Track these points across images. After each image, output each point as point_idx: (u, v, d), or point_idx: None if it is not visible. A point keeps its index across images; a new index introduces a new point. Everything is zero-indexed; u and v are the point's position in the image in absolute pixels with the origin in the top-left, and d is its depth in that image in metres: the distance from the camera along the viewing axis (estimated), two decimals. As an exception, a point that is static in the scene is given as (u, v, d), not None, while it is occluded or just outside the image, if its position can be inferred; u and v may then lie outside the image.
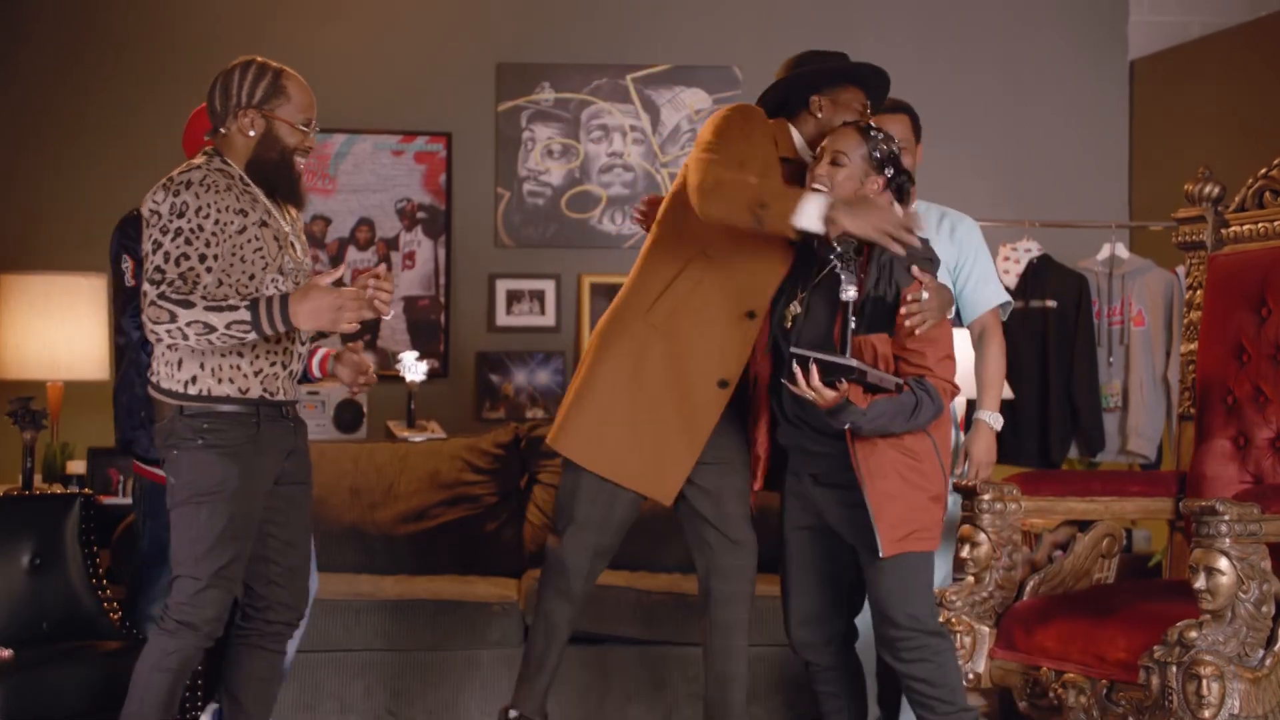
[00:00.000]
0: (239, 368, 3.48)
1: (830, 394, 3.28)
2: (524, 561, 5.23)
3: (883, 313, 3.41)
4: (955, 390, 3.45)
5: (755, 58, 6.30)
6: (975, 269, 4.22)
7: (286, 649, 3.90)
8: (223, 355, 3.47)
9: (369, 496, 5.21)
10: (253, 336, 3.37)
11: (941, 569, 4.30)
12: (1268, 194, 3.90)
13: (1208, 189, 3.99)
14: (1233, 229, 3.96)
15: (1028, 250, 5.76)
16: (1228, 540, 3.03)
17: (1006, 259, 5.76)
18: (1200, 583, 3.04)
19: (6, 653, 3.87)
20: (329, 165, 6.18)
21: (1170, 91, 6.29)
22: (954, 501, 4.25)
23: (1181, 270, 5.23)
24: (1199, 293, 4.01)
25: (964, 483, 4.09)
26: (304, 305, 3.36)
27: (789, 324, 3.53)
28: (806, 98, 3.85)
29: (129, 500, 5.35)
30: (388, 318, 3.64)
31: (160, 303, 3.35)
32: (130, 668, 3.84)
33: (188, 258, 3.39)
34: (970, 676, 3.56)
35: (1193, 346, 4.00)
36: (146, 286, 3.39)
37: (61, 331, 5.34)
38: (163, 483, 3.87)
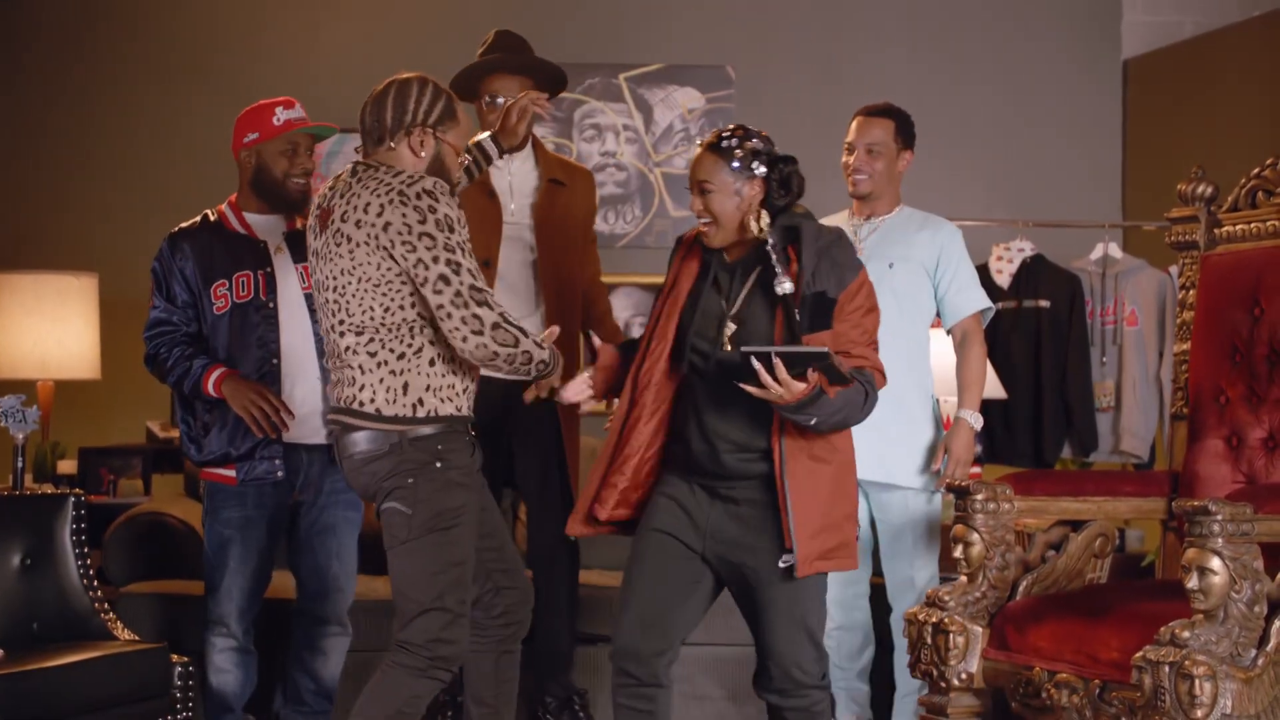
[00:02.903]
0: (454, 386, 3.39)
1: (800, 386, 3.13)
2: (517, 561, 5.23)
3: (823, 307, 3.29)
4: (884, 380, 3.37)
5: (748, 57, 6.30)
6: (957, 275, 4.28)
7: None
8: (442, 376, 3.36)
9: (361, 496, 5.20)
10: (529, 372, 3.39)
11: (929, 569, 4.31)
12: (1260, 194, 3.89)
13: (1200, 189, 3.99)
14: (1225, 229, 3.95)
15: (1021, 250, 5.76)
16: (1220, 540, 3.02)
17: (1000, 259, 5.76)
18: (1193, 582, 3.04)
19: (-2, 653, 3.86)
20: (320, 164, 6.15)
21: (1163, 91, 6.30)
22: (932, 498, 4.29)
23: (1174, 270, 5.23)
24: (1192, 292, 4.01)
25: (948, 481, 4.14)
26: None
27: (727, 346, 3.34)
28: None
29: (120, 500, 5.36)
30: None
31: (509, 327, 3.29)
32: (123, 668, 3.85)
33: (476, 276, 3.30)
34: (963, 676, 3.55)
35: (1185, 346, 4.00)
36: (479, 310, 3.24)
37: (52, 331, 5.32)
38: (223, 481, 4.01)
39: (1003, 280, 5.72)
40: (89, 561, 4.21)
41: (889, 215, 4.36)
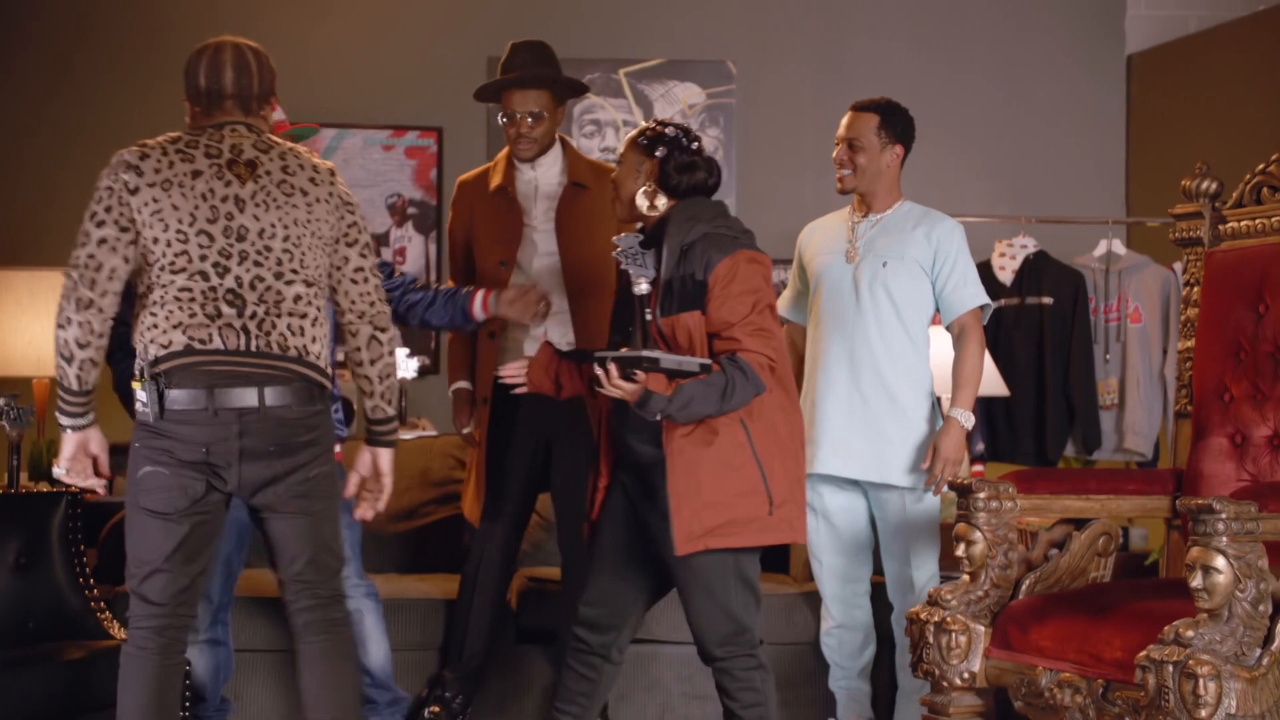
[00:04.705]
0: None
1: (630, 387, 3.37)
2: (515, 560, 5.20)
3: (692, 290, 3.48)
4: (773, 363, 3.48)
5: (749, 52, 6.27)
6: (955, 271, 4.25)
7: None
8: None
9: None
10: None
11: (929, 568, 4.29)
12: (1265, 190, 3.87)
13: (1205, 185, 3.97)
14: (1230, 225, 3.93)
15: (1024, 246, 5.74)
16: (1225, 538, 2.99)
17: (1003, 255, 5.74)
18: (1197, 581, 3.01)
19: (-9, 652, 3.85)
20: (319, 160, 6.15)
21: (1167, 86, 6.27)
22: (930, 497, 4.26)
23: (1178, 267, 5.21)
24: (1196, 289, 3.99)
25: (935, 480, 4.16)
26: None
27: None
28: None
29: (116, 498, 5.33)
30: None
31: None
32: (118, 667, 3.84)
33: None
34: (965, 676, 3.53)
35: (1190, 343, 3.98)
36: (376, 286, 3.45)
37: (48, 328, 5.29)
38: None
39: (1005, 277, 5.70)
40: (84, 560, 4.20)
41: (887, 212, 4.33)
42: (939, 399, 4.40)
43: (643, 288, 3.50)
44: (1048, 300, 5.68)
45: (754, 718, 3.62)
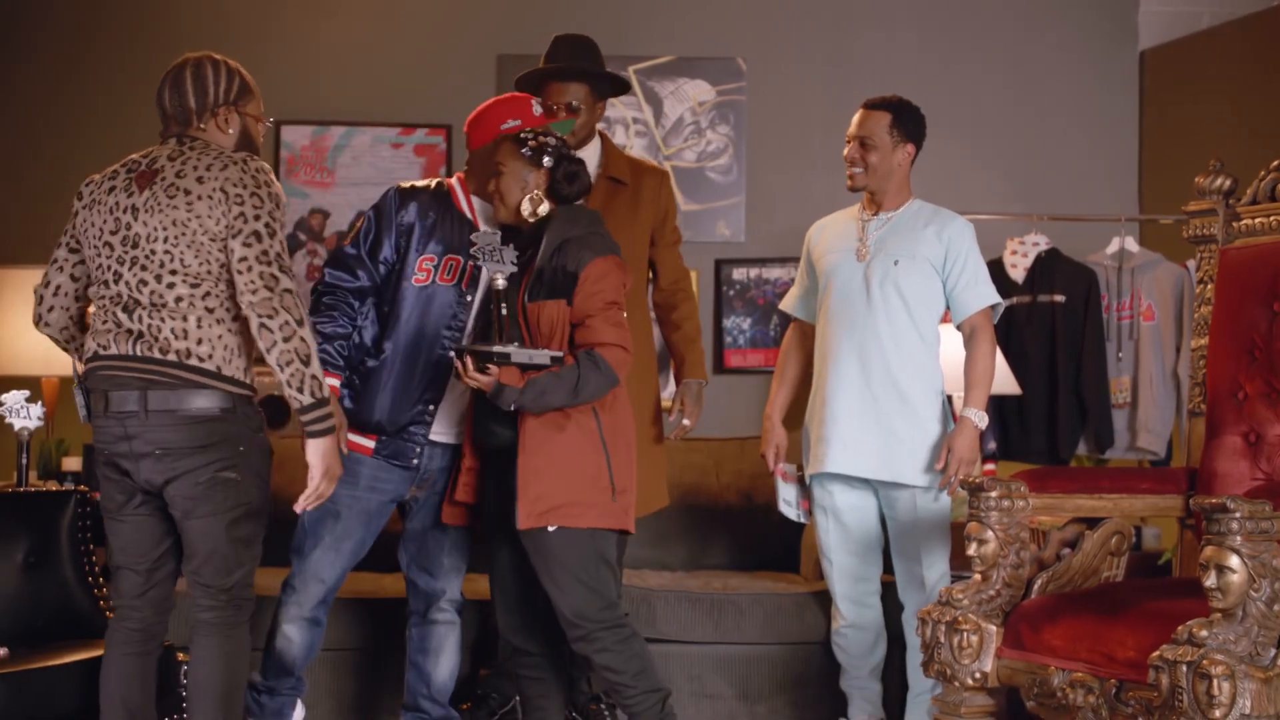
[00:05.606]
0: (255, 359, 3.55)
1: (485, 379, 3.58)
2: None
3: (562, 280, 3.65)
4: (628, 358, 3.66)
5: (759, 49, 6.26)
6: (965, 270, 4.24)
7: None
8: (251, 345, 3.48)
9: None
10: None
11: (940, 567, 4.27)
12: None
13: (1219, 182, 3.95)
14: (1244, 222, 3.91)
15: (1036, 244, 5.72)
16: (1239, 538, 2.98)
17: (1014, 253, 5.72)
18: (1211, 581, 2.99)
19: (1, 651, 3.84)
20: (327, 158, 6.14)
21: (1181, 83, 6.24)
22: (940, 496, 4.24)
23: (1192, 264, 5.18)
24: (1209, 287, 3.97)
25: (950, 480, 4.14)
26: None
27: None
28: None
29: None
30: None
31: (298, 305, 3.40)
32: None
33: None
34: (977, 675, 3.51)
35: (1203, 341, 3.96)
36: (279, 273, 3.37)
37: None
38: (353, 450, 3.95)
39: (1017, 275, 5.68)
40: (93, 559, 4.20)
41: (898, 210, 4.31)
42: (949, 397, 4.38)
43: (499, 282, 3.65)
44: (1060, 298, 5.66)
45: (646, 685, 3.74)
